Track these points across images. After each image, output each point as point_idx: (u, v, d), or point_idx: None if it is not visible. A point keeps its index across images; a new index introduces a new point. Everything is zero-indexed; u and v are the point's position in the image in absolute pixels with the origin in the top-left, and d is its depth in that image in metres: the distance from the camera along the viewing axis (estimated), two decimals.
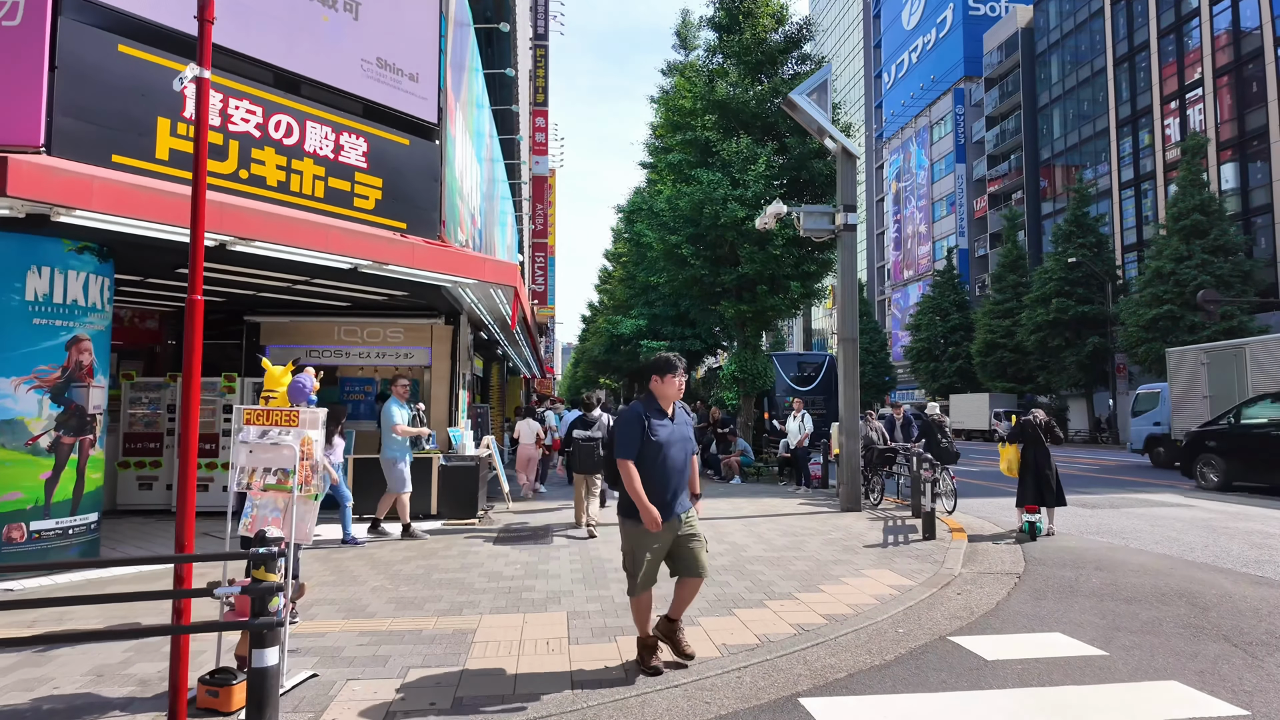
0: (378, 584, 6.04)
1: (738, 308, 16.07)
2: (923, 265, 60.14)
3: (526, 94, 32.49)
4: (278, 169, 7.56)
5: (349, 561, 6.90)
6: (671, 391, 4.09)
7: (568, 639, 4.59)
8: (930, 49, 60.88)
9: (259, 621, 3.29)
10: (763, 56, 16.08)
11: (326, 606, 5.37)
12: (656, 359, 4.16)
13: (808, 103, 10.34)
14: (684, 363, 4.18)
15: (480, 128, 13.12)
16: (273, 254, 6.83)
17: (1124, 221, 41.22)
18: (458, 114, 10.27)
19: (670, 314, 25.14)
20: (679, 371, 4.10)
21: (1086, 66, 44.76)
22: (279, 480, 3.86)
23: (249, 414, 3.88)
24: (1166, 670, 4.02)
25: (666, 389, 4.09)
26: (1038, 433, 8.69)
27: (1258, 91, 33.90)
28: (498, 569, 6.52)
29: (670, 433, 4.04)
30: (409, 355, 10.79)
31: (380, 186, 8.42)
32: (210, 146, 7.04)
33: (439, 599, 5.56)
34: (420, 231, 8.63)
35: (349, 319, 10.62)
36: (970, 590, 5.85)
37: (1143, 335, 29.44)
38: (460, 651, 4.35)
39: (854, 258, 10.64)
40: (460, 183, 10.29)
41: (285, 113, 7.61)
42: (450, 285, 8.47)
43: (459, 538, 8.13)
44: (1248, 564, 6.77)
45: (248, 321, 10.69)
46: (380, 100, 8.54)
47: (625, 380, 40.56)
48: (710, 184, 14.91)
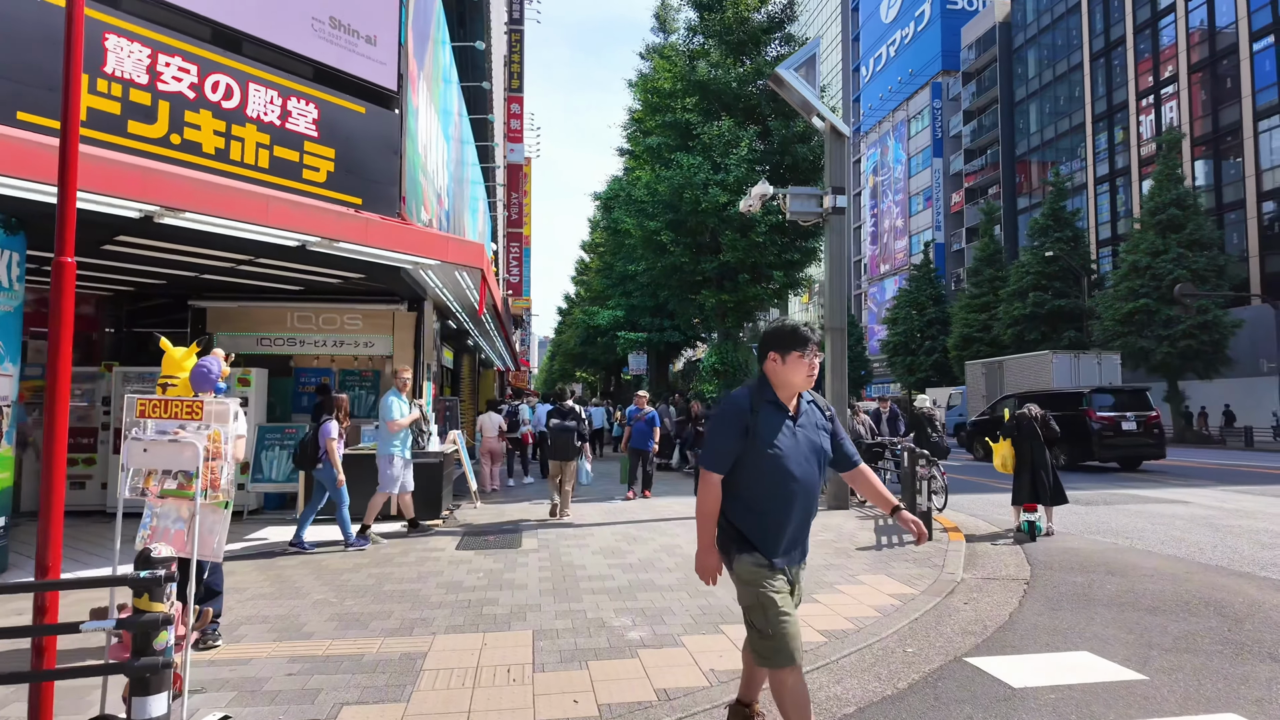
0: (321, 597, 5.38)
1: (718, 297, 15.52)
2: (899, 259, 60.20)
3: (501, 79, 31.60)
4: (215, 135, 6.83)
5: (292, 570, 6.21)
6: (799, 378, 2.71)
7: (533, 664, 3.98)
8: (908, 42, 60.81)
9: (140, 664, 2.65)
10: (745, 36, 15.50)
11: (257, 626, 4.70)
12: (776, 328, 2.77)
13: (795, 78, 9.78)
14: (820, 336, 2.80)
15: (448, 105, 12.39)
16: (208, 228, 6.09)
17: (1099, 216, 41.41)
18: (421, 84, 9.55)
19: (649, 305, 24.54)
20: (811, 349, 2.70)
21: (1063, 62, 44.86)
22: (180, 485, 3.20)
23: (143, 404, 3.21)
24: (1219, 699, 3.52)
25: (791, 373, 2.71)
26: (1034, 427, 8.24)
27: (1231, 88, 34.10)
28: (458, 578, 5.88)
29: (794, 441, 2.68)
30: (369, 344, 10.07)
31: (333, 158, 7.72)
32: (135, 106, 6.32)
33: (388, 615, 4.91)
34: (377, 208, 7.92)
35: (303, 304, 9.87)
36: (978, 599, 5.34)
37: (1119, 329, 29.44)
38: (406, 683, 3.72)
39: (843, 243, 10.12)
40: (424, 158, 9.58)
41: (224, 73, 6.87)
42: (410, 267, 7.77)
43: (418, 541, 7.47)
44: (1264, 566, 6.36)
45: (192, 307, 9.90)
46: (333, 63, 7.81)
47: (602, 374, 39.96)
48: (690, 168, 14.32)
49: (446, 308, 11.07)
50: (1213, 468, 16.74)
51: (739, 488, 2.68)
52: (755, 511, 2.66)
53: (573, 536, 7.77)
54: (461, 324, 13.32)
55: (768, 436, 2.64)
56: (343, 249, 6.77)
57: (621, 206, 17.86)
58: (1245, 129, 33.12)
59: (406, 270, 7.98)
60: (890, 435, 11.78)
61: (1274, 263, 32.27)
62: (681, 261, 15.14)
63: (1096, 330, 31.66)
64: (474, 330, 14.77)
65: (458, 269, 8.06)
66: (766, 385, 2.76)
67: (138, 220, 5.83)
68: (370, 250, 6.91)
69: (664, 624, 4.68)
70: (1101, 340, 30.82)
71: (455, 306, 11.08)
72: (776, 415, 2.69)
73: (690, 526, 8.38)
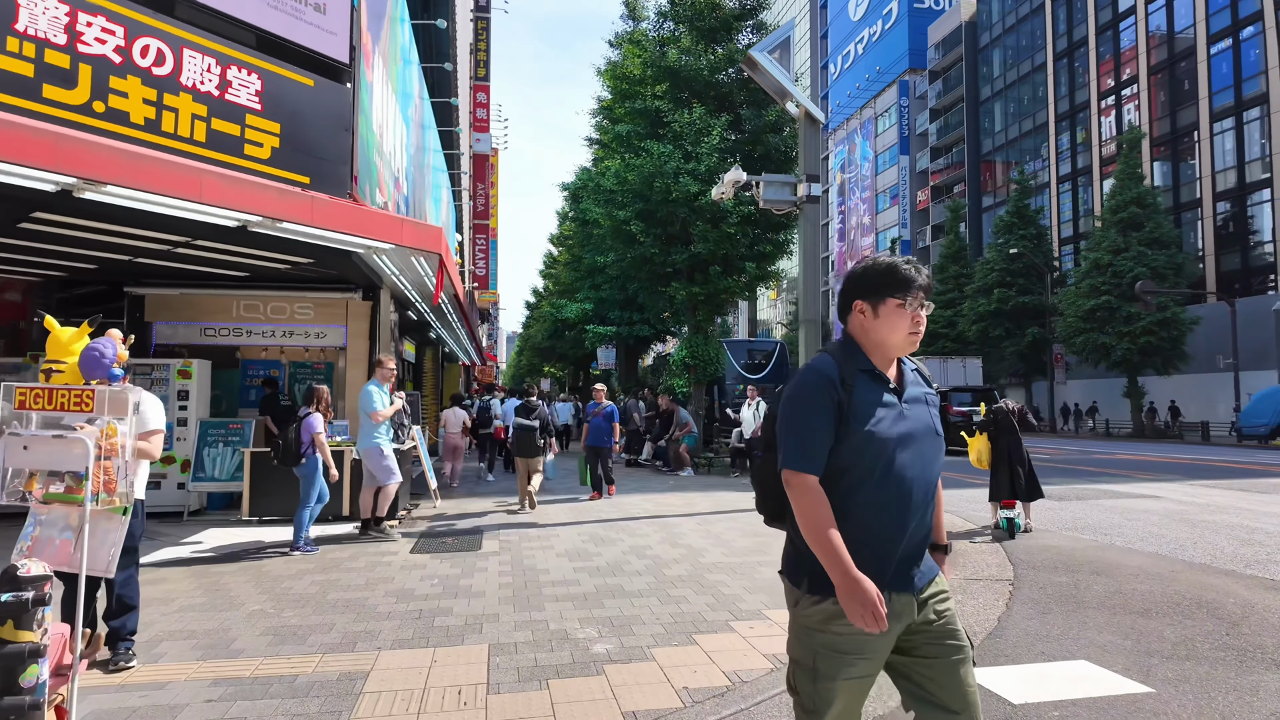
0: (257, 607, 4.90)
1: (689, 290, 15.19)
2: (866, 256, 60.59)
3: (467, 67, 30.86)
4: (145, 104, 6.24)
5: (229, 578, 5.71)
6: (898, 336, 1.98)
7: (487, 684, 3.58)
8: (876, 40, 61.14)
9: (3, 705, 2.19)
10: (716, 23, 15.16)
11: (181, 642, 4.22)
12: (866, 267, 2.06)
13: (769, 61, 9.45)
14: (927, 276, 2.03)
15: (407, 88, 11.81)
16: (134, 204, 5.55)
17: (1061, 215, 42.06)
18: (376, 59, 9.01)
19: (617, 298, 24.13)
20: (914, 294, 1.97)
21: (1027, 62, 45.44)
22: (68, 488, 2.73)
23: (23, 394, 2.74)
24: (1234, 714, 3.26)
25: (888, 329, 1.98)
26: (1011, 421, 8.05)
27: (1189, 90, 34.80)
28: (410, 585, 5.44)
29: (904, 423, 1.95)
30: (321, 335, 9.52)
31: (278, 133, 7.16)
32: (52, 69, 5.72)
33: (329, 628, 4.46)
34: (328, 188, 7.38)
35: (249, 292, 9.28)
36: (962, 603, 5.06)
37: (1081, 325, 29.86)
38: (342, 709, 3.29)
39: (817, 232, 9.83)
40: (379, 138, 9.05)
41: (155, 36, 6.29)
42: (363, 251, 7.26)
43: (370, 544, 6.99)
44: (1248, 564, 6.21)
45: (129, 294, 9.24)
46: (278, 31, 7.25)
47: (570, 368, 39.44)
48: (661, 156, 13.94)
49: (405, 297, 10.54)
50: (1179, 462, 16.91)
51: (841, 491, 1.90)
52: (857, 520, 1.88)
53: (536, 538, 7.36)
54: (423, 315, 12.78)
55: (868, 418, 1.89)
56: (287, 230, 6.26)
57: (590, 196, 17.40)
58: (1202, 130, 33.82)
59: (359, 255, 7.47)
60: None
61: (1228, 261, 33.03)
62: (651, 253, 14.76)
63: (1059, 326, 32.09)
64: (436, 322, 14.23)
65: (414, 254, 7.58)
66: (855, 349, 2.00)
67: (54, 195, 5.28)
68: (317, 232, 6.40)
69: (632, 634, 4.32)
70: (1064, 336, 31.27)
71: (414, 296, 10.56)
72: (875, 389, 1.94)
73: (661, 525, 8.02)
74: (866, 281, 2.02)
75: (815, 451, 1.88)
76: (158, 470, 8.35)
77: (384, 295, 9.65)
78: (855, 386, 1.92)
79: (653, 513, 8.97)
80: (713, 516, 8.67)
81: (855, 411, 1.89)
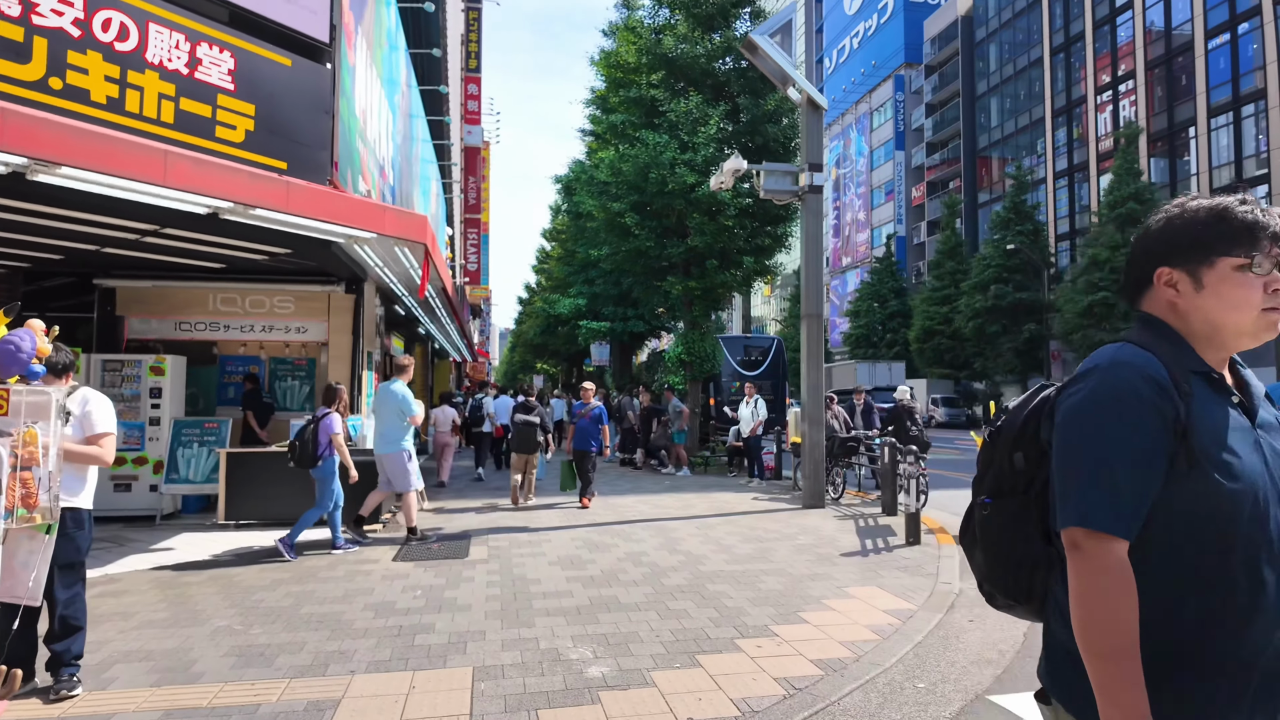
0: (224, 623, 4.53)
1: (685, 284, 14.82)
2: (861, 252, 60.39)
3: (458, 58, 30.36)
4: (107, 81, 5.84)
5: (197, 589, 5.33)
6: (1246, 317, 1.23)
7: (470, 717, 3.22)
8: (871, 35, 60.83)
9: None
10: (713, 9, 14.75)
11: (136, 665, 3.85)
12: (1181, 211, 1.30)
13: (770, 44, 9.09)
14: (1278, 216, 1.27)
15: (393, 74, 11.39)
16: (94, 188, 5.15)
17: (1058, 210, 41.87)
18: (359, 40, 8.61)
19: (612, 293, 23.74)
20: (1263, 244, 1.23)
21: (1023, 56, 45.17)
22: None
23: None
24: None
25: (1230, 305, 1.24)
26: None
27: (1186, 85, 34.61)
28: (390, 597, 5.07)
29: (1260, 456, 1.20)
30: (302, 329, 9.12)
31: (253, 115, 6.76)
32: (4, 42, 5.32)
33: (300, 647, 4.09)
34: (306, 174, 6.97)
35: (227, 284, 8.87)
36: (983, 616, 4.73)
37: (1079, 322, 29.64)
38: None
39: (819, 223, 9.49)
40: (362, 123, 8.65)
41: (117, 9, 5.88)
42: (343, 240, 6.86)
43: (350, 552, 6.61)
44: None
45: (100, 287, 8.82)
46: (252, 6, 6.84)
47: (564, 365, 39.07)
48: (656, 146, 13.55)
49: (391, 291, 10.15)
50: None
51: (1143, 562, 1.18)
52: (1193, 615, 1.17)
53: (527, 543, 6.99)
54: (411, 310, 12.38)
55: (1219, 448, 1.18)
56: (261, 217, 5.86)
57: (584, 189, 17.00)
58: (1199, 126, 33.64)
59: (339, 245, 7.07)
60: (865, 429, 11.24)
61: None
62: (646, 246, 14.37)
63: (1057, 323, 31.89)
64: (424, 317, 13.83)
65: (398, 244, 7.18)
66: (1176, 339, 1.27)
67: (5, 176, 4.88)
68: (293, 219, 6.01)
69: (630, 654, 3.97)
70: (1062, 333, 31.06)
71: (400, 289, 10.16)
72: (1219, 403, 1.23)
73: (658, 530, 7.66)
74: (1180, 236, 1.28)
75: (1128, 502, 1.16)
76: (128, 472, 7.95)
77: (368, 289, 9.26)
78: (1194, 397, 1.20)
79: (649, 516, 8.62)
80: (711, 520, 8.33)
81: (1200, 439, 1.17)
